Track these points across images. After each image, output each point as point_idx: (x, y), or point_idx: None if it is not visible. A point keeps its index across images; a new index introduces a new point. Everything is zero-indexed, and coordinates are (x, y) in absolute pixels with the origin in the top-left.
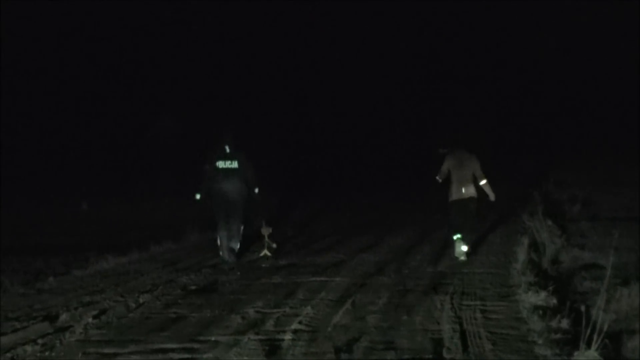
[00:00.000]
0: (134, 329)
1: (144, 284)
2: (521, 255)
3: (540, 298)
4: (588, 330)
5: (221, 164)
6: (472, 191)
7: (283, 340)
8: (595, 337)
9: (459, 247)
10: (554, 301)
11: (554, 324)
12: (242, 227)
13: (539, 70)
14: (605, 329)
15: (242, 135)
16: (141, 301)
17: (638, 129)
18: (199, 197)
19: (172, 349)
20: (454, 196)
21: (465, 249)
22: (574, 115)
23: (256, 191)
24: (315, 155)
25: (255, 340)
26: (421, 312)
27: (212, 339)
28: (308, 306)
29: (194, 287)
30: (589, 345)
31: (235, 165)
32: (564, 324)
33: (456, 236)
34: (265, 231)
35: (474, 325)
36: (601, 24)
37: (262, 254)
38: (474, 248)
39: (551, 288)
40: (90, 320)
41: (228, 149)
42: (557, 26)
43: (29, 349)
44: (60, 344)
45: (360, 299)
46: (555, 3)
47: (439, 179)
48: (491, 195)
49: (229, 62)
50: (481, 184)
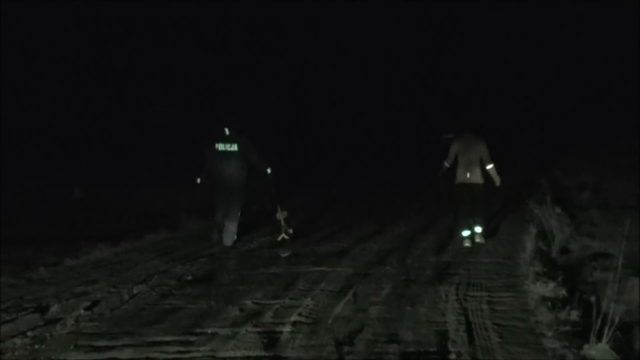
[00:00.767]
0: (128, 321)
1: (138, 274)
2: (529, 245)
3: (549, 289)
4: (599, 322)
5: (220, 146)
6: (478, 177)
7: (282, 332)
8: (606, 330)
9: (466, 243)
10: (563, 292)
11: (563, 315)
12: (239, 212)
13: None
14: (616, 321)
15: (245, 119)
16: (135, 292)
17: None
18: (199, 180)
19: (167, 342)
20: (459, 179)
21: (480, 230)
22: (583, 101)
23: (268, 172)
24: (315, 141)
25: (253, 332)
26: (425, 303)
27: (209, 331)
28: (308, 297)
29: (189, 278)
30: (599, 338)
31: (234, 148)
32: (574, 315)
33: (465, 233)
34: (280, 215)
35: (480, 317)
36: (606, 12)
37: (279, 238)
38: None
39: (560, 278)
40: (82, 312)
41: (228, 132)
42: (564, 14)
43: (18, 341)
44: (51, 336)
45: (362, 290)
46: None
47: (447, 164)
48: (497, 180)
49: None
50: (487, 168)
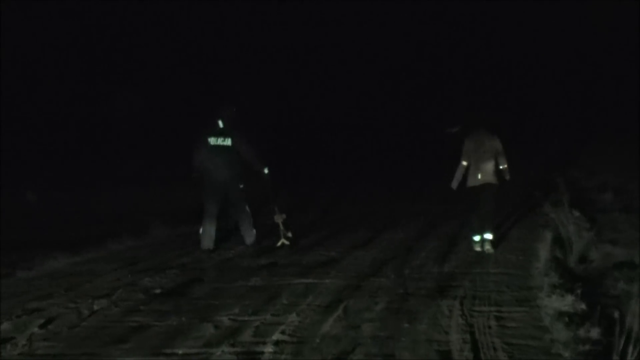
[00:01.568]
0: (88, 340)
1: (99, 288)
2: (543, 253)
3: (566, 303)
4: (622, 340)
5: (212, 140)
6: (491, 177)
7: (263, 353)
8: (630, 349)
9: (477, 247)
10: (582, 306)
11: (582, 333)
12: (249, 213)
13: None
14: None
15: (240, 113)
16: (96, 308)
17: None
18: (194, 176)
19: None
20: (469, 182)
21: (490, 237)
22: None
23: (265, 172)
24: (309, 139)
25: (230, 353)
26: (425, 319)
27: (180, 351)
28: (292, 313)
29: (158, 291)
30: (623, 358)
31: (228, 142)
32: (594, 333)
33: (476, 237)
34: (278, 218)
35: (487, 334)
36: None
37: (278, 244)
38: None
39: (579, 291)
40: (36, 330)
41: (222, 124)
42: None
43: None
44: (0, 358)
45: (354, 305)
46: None
47: (464, 163)
48: (507, 176)
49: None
50: (502, 167)
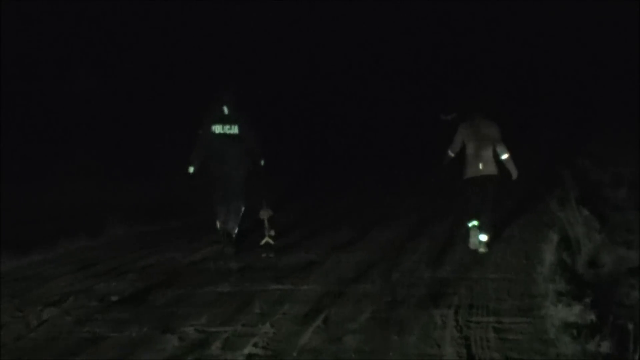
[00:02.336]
0: (36, 353)
1: (49, 294)
2: (548, 256)
3: (574, 312)
4: (637, 355)
5: (218, 128)
6: (492, 168)
7: None
8: None
9: (474, 236)
10: (592, 317)
11: (591, 347)
12: (242, 208)
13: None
14: None
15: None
16: (45, 317)
17: None
18: (192, 169)
19: None
20: (469, 173)
21: (484, 239)
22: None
23: (262, 163)
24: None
25: None
26: (416, 331)
27: None
28: (267, 323)
29: (115, 298)
30: None
31: (235, 130)
32: (605, 347)
33: (472, 223)
34: (264, 214)
35: (485, 348)
36: None
37: (262, 242)
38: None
39: (588, 299)
40: None
41: (227, 111)
42: None
43: None
44: None
45: (336, 314)
46: None
47: (451, 153)
48: (514, 172)
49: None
50: (503, 158)
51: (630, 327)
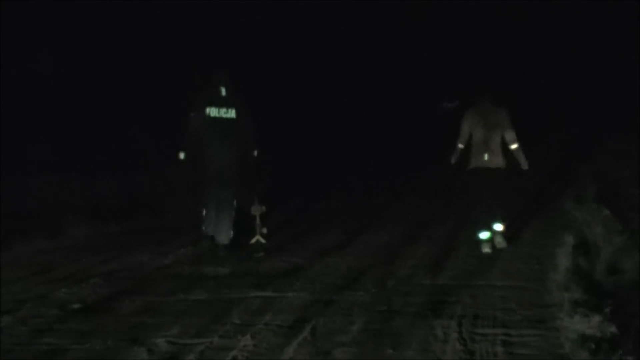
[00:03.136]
0: None
1: (3, 301)
2: (563, 261)
3: (592, 324)
4: None
5: (213, 111)
6: (500, 159)
7: None
8: None
9: (485, 248)
10: (612, 329)
11: None
12: (233, 208)
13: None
14: None
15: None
16: None
17: None
18: (183, 155)
19: None
20: (473, 163)
21: (500, 228)
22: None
23: (255, 154)
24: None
25: None
26: (414, 344)
27: None
28: (246, 334)
29: (77, 306)
30: None
31: (232, 114)
32: None
33: (483, 235)
34: (256, 210)
35: None
36: None
37: (253, 240)
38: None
39: (608, 310)
40: None
41: (224, 92)
42: None
43: None
44: None
45: (324, 325)
46: None
47: (460, 145)
48: (524, 163)
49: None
50: (512, 148)
51: None
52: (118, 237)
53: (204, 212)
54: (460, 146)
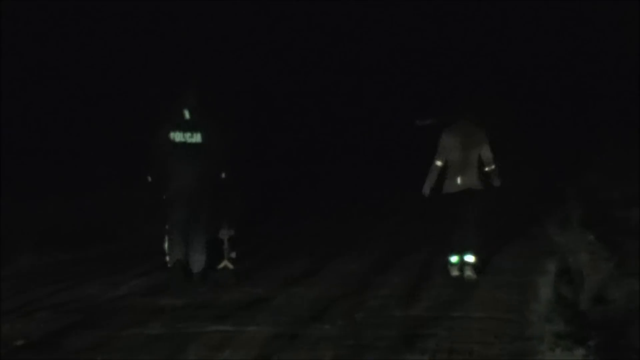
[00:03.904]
0: None
1: None
2: (545, 290)
3: (575, 358)
4: None
5: (178, 136)
6: (475, 181)
7: None
8: None
9: (454, 271)
10: None
11: None
12: (205, 236)
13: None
14: None
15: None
16: None
17: None
18: (151, 179)
19: None
20: (448, 187)
21: (471, 260)
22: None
23: (222, 176)
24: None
25: None
26: None
27: None
28: None
29: (21, 342)
30: None
31: (197, 139)
32: None
33: (453, 258)
34: (225, 234)
35: None
36: None
37: (220, 266)
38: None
39: (593, 342)
40: None
41: (188, 115)
42: None
43: None
44: None
45: None
46: None
47: (438, 163)
48: (496, 181)
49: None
50: (488, 169)
51: None
52: (67, 266)
53: (166, 240)
54: (438, 164)
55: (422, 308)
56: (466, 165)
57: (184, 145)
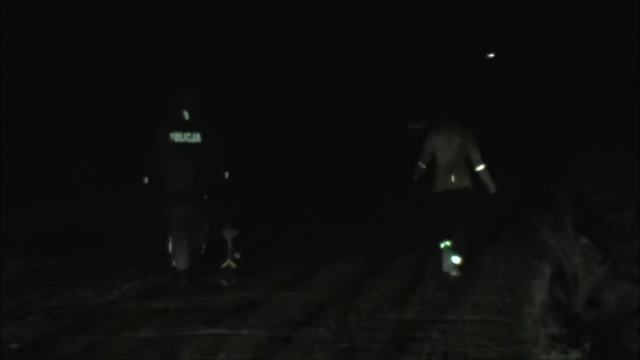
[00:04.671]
0: None
1: None
2: (539, 293)
3: None
4: None
5: (177, 136)
6: (466, 180)
7: None
8: None
9: (448, 258)
10: None
11: None
12: (205, 232)
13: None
14: None
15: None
16: None
17: None
18: (147, 180)
19: None
20: (439, 186)
21: (457, 261)
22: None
23: (226, 176)
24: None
25: None
26: None
27: None
28: None
29: (15, 346)
30: None
31: (197, 139)
32: None
33: (444, 243)
34: (228, 234)
35: None
36: None
37: (223, 265)
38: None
39: (587, 345)
40: None
41: (187, 116)
42: None
43: None
44: None
45: None
46: None
47: (421, 164)
48: (491, 186)
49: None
50: (477, 169)
51: None
52: (58, 271)
53: (169, 245)
54: (422, 166)
55: (415, 311)
56: (455, 166)
57: (184, 145)
